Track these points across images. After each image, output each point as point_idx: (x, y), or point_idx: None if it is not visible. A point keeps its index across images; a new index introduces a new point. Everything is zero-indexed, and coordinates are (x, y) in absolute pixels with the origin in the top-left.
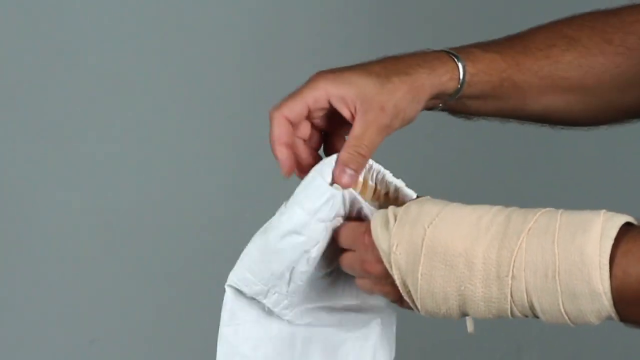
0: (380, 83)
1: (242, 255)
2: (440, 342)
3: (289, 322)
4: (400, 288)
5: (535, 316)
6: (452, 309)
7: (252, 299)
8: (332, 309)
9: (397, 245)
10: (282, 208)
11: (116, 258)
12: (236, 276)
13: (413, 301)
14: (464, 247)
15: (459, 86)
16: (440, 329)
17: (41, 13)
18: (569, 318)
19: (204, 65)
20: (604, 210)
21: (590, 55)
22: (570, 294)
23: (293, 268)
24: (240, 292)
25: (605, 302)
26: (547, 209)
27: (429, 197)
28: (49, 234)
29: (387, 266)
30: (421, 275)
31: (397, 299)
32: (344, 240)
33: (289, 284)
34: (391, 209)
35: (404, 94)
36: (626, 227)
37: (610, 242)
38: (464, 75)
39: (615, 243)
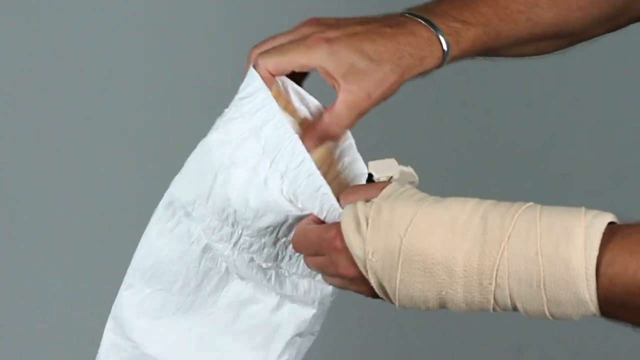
0: (372, 69)
1: (186, 163)
2: (441, 342)
3: (210, 248)
4: (377, 290)
5: (517, 311)
6: (431, 307)
7: (183, 212)
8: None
9: (372, 253)
10: (225, 111)
11: (116, 258)
12: (176, 184)
13: (390, 300)
14: (442, 255)
15: (438, 67)
16: (440, 329)
17: (41, 13)
18: (552, 318)
19: (205, 65)
20: (584, 210)
21: (569, 11)
22: (556, 301)
23: (215, 177)
24: (173, 202)
25: (591, 308)
26: (524, 206)
27: (394, 184)
28: (48, 233)
29: (363, 271)
30: (399, 281)
31: (372, 295)
32: (309, 247)
33: (208, 198)
34: (360, 208)
35: (392, 84)
36: (609, 229)
37: (595, 253)
38: (446, 58)
39: (600, 250)
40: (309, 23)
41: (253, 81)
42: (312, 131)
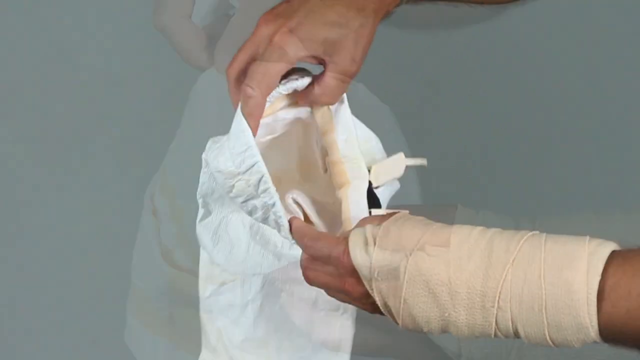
0: (344, 34)
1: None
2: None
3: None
4: (382, 309)
5: (518, 338)
6: (433, 330)
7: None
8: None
9: (378, 272)
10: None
11: (116, 258)
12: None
13: (395, 320)
14: (447, 276)
15: (399, 4)
16: None
17: (41, 13)
18: (553, 344)
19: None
20: (588, 238)
21: None
22: (557, 326)
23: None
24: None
25: (591, 334)
26: (530, 234)
27: (406, 212)
28: (49, 233)
29: (368, 289)
30: (403, 300)
31: (377, 313)
32: (318, 251)
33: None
34: (368, 229)
35: (368, 36)
36: (611, 255)
37: (598, 279)
38: None
39: (603, 275)
40: (265, 21)
41: (241, 132)
42: (304, 99)
